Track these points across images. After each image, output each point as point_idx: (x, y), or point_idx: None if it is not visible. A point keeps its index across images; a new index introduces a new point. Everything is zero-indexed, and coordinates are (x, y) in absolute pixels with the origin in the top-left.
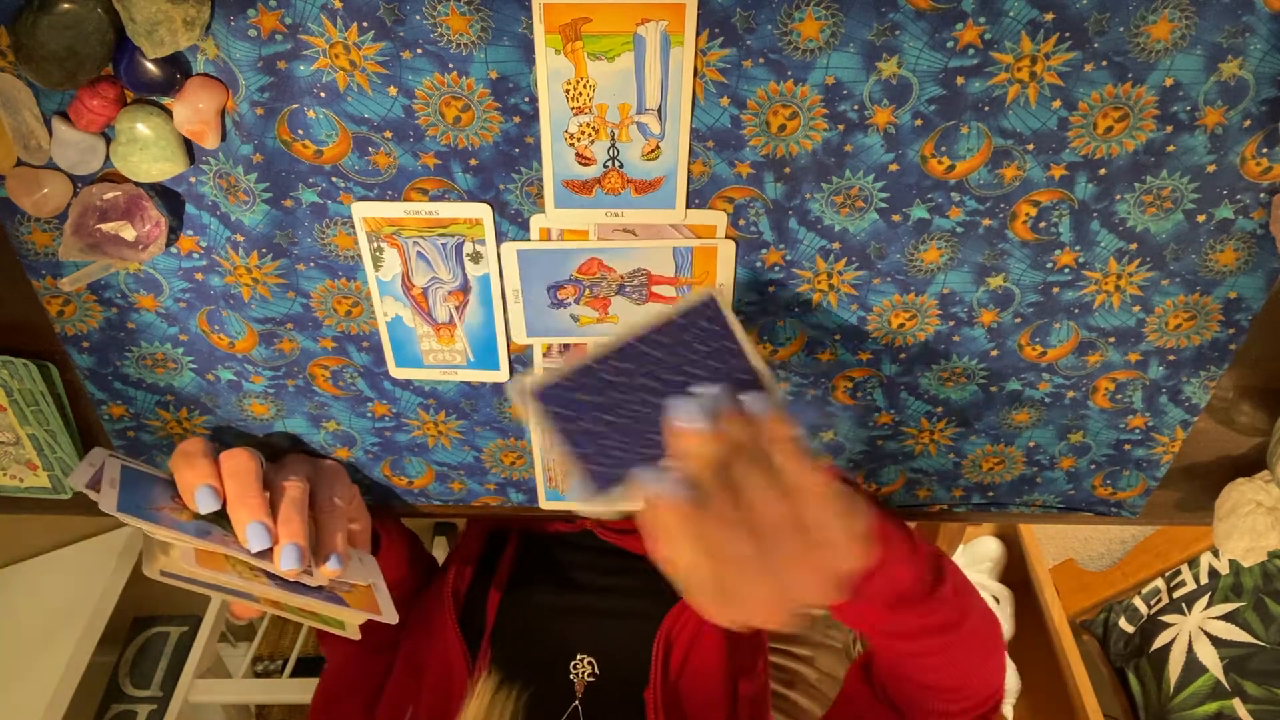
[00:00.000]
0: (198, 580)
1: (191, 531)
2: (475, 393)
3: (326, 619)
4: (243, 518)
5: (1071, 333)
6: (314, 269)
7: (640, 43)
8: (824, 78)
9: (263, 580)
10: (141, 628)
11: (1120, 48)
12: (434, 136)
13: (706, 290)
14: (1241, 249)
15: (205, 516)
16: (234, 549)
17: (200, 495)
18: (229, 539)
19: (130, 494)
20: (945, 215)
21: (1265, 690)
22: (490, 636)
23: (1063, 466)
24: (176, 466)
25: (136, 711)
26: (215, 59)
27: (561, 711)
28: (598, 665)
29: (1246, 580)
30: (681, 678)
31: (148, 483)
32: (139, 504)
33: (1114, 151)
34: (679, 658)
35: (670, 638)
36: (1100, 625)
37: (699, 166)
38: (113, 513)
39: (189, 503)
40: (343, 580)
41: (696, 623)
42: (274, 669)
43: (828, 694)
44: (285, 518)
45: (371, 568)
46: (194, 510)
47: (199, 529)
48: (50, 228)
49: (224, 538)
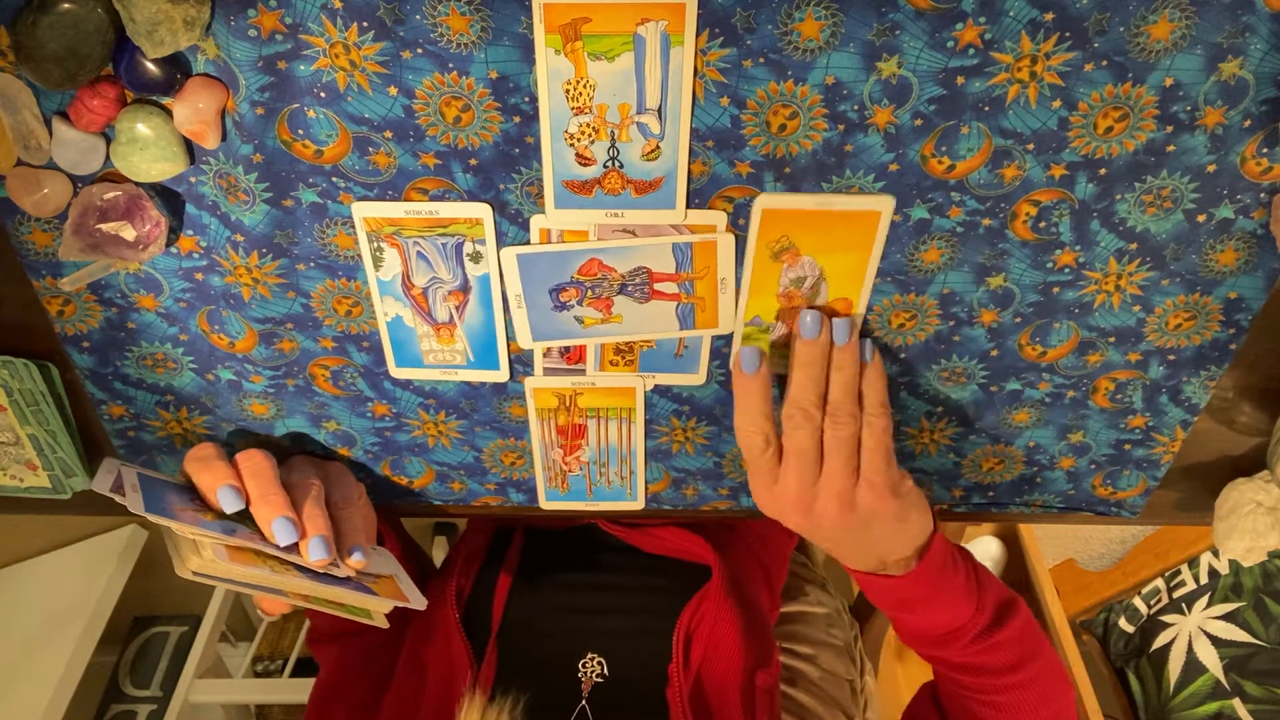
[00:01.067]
0: (231, 578)
1: (219, 530)
2: (475, 393)
3: (354, 609)
4: (267, 514)
5: (1071, 332)
6: (314, 269)
7: (640, 43)
8: (824, 78)
9: (294, 573)
10: (141, 628)
11: (1120, 48)
12: (434, 136)
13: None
14: (1242, 249)
15: (229, 516)
16: (262, 545)
17: (224, 495)
18: (255, 536)
19: (153, 498)
20: (945, 215)
21: (1265, 690)
22: (497, 635)
23: (1063, 466)
24: (194, 471)
25: (136, 711)
26: (215, 59)
27: (568, 712)
28: (607, 665)
29: (1246, 580)
30: (703, 672)
31: (165, 488)
32: (164, 506)
33: (1114, 151)
34: (699, 652)
35: (690, 632)
36: (1100, 625)
37: (699, 166)
38: (142, 513)
39: (213, 504)
40: (367, 572)
41: (714, 617)
42: (274, 669)
43: (830, 692)
44: (308, 513)
45: (389, 560)
46: (219, 510)
47: (225, 528)
48: (50, 228)
49: (250, 535)
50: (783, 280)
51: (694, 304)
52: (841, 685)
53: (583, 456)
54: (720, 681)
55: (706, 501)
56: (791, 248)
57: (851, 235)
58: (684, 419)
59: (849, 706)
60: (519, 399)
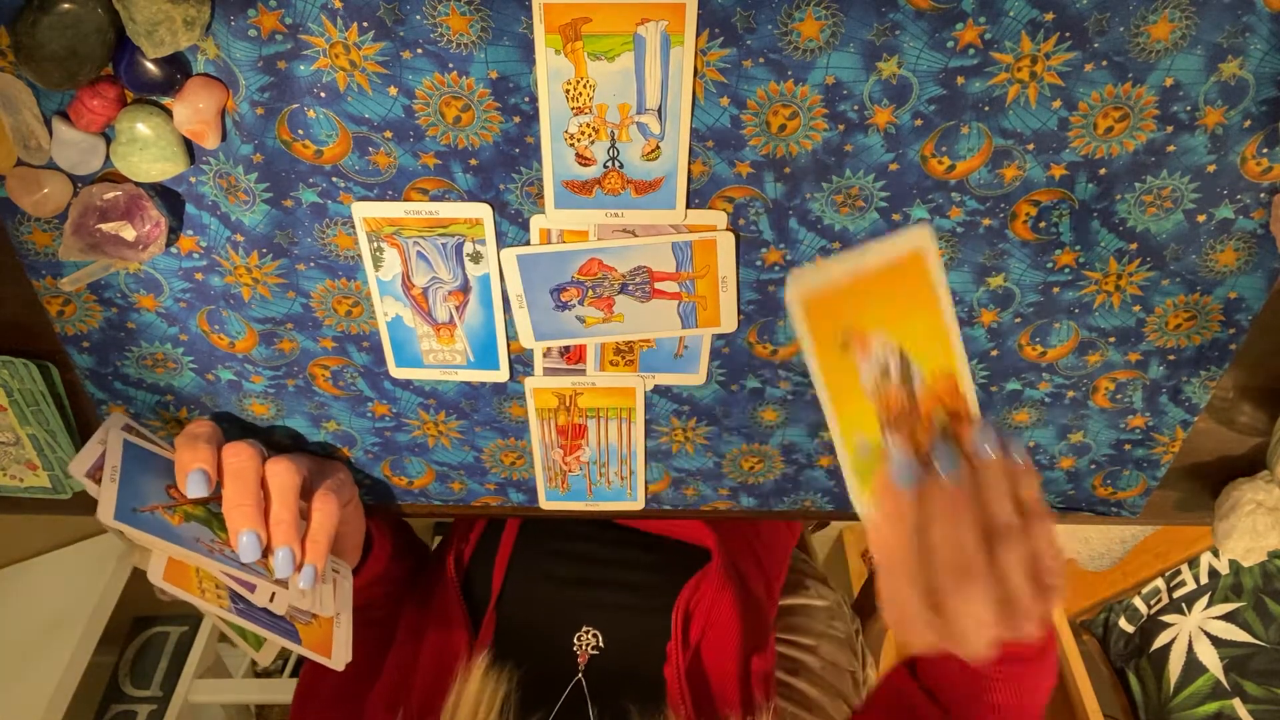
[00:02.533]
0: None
1: (180, 538)
2: (475, 393)
3: (246, 633)
4: (238, 523)
5: (1071, 332)
6: (314, 269)
7: (640, 43)
8: (824, 78)
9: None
10: (141, 628)
11: (1120, 48)
12: (434, 136)
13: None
14: (1242, 249)
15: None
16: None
17: (191, 480)
18: (217, 544)
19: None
20: (946, 215)
21: (1265, 690)
22: (495, 604)
23: (1063, 466)
24: (179, 446)
25: (136, 711)
26: (215, 59)
27: (564, 684)
28: (603, 638)
29: (1246, 580)
30: (701, 650)
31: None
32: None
33: (1114, 151)
34: (698, 630)
35: (689, 610)
36: (1100, 625)
37: (699, 166)
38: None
39: (180, 484)
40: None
41: (714, 597)
42: (274, 669)
43: (831, 682)
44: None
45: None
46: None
47: (189, 533)
48: (50, 228)
49: (213, 542)
50: (864, 379)
51: (695, 302)
52: (843, 676)
53: (583, 456)
54: (718, 661)
55: (706, 501)
56: (854, 330)
57: (908, 288)
58: (684, 419)
59: (850, 697)
60: (519, 399)
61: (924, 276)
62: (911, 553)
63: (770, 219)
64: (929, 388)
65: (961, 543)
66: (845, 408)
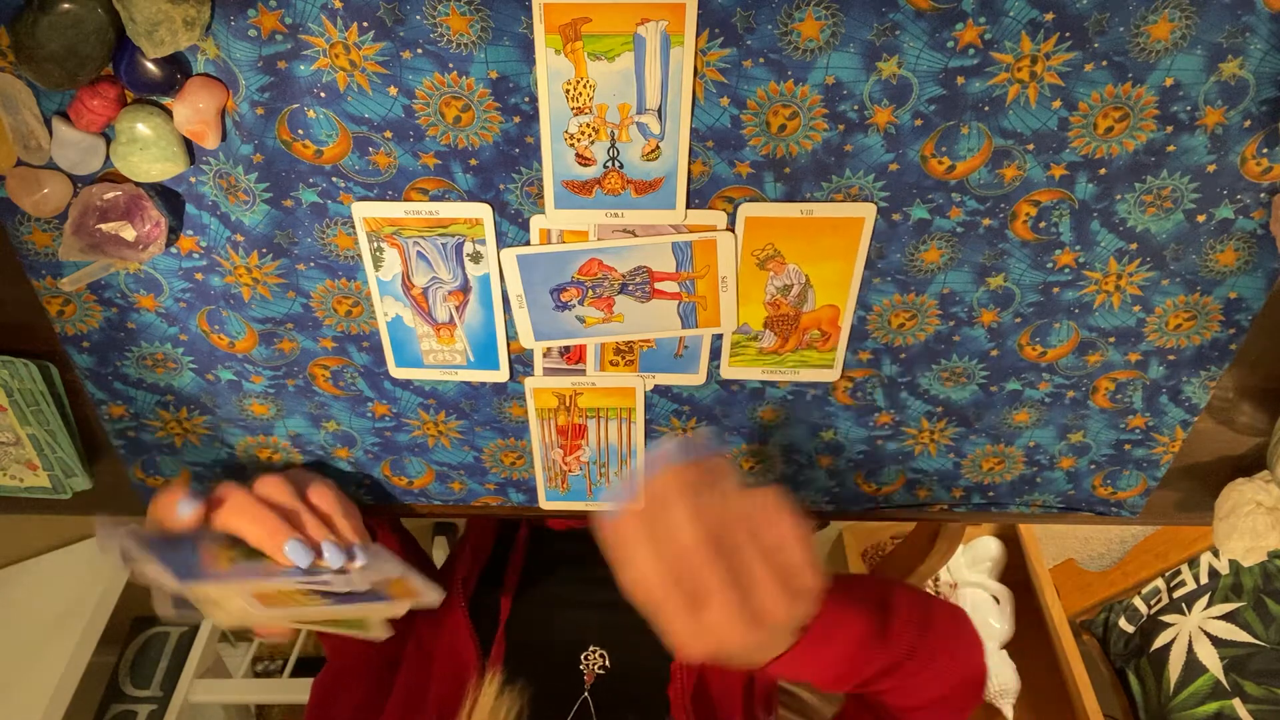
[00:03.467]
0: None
1: (248, 574)
2: (475, 393)
3: (349, 623)
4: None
5: (1071, 333)
6: (314, 269)
7: (640, 43)
8: (824, 78)
9: (318, 600)
10: (141, 628)
11: (1120, 48)
12: (434, 136)
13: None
14: (1242, 249)
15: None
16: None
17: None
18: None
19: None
20: (945, 215)
21: (1265, 690)
22: (504, 626)
23: (1063, 466)
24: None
25: (136, 711)
26: (215, 59)
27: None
28: (609, 658)
29: (1246, 580)
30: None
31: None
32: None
33: (1114, 151)
34: None
35: None
36: (1100, 625)
37: (699, 166)
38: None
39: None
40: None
41: None
42: (274, 669)
43: None
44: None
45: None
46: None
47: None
48: (50, 228)
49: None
50: (769, 289)
51: (695, 302)
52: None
53: (583, 456)
54: (723, 681)
55: None
56: (777, 256)
57: (836, 243)
58: (684, 419)
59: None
60: (519, 399)
61: (854, 236)
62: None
63: None
64: (814, 313)
65: (695, 553)
66: (743, 307)
